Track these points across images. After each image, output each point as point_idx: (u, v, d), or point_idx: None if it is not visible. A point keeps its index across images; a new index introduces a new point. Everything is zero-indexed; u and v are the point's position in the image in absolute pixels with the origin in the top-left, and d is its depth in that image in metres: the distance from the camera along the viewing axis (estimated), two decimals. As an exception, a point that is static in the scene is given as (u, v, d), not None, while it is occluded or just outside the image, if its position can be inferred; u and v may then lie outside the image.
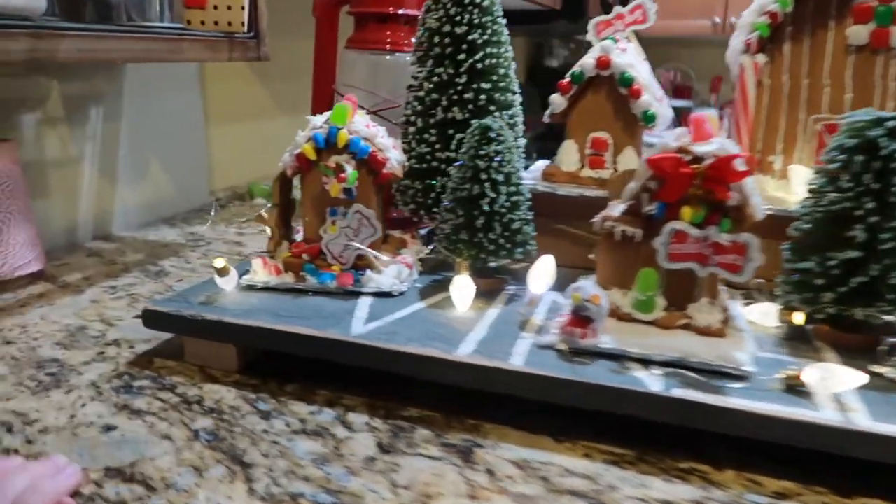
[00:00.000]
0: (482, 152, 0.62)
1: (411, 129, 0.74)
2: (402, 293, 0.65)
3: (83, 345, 0.64)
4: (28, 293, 0.77)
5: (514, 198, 0.63)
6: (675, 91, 3.33)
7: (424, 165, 0.73)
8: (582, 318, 0.53)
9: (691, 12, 3.00)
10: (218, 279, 0.63)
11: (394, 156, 0.67)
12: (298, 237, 0.72)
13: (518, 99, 0.74)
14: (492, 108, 0.72)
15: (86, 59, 0.65)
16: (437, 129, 0.73)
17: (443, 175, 0.73)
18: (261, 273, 0.66)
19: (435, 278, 0.69)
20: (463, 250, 0.63)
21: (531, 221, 0.64)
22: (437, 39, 0.71)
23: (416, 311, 0.61)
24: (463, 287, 0.61)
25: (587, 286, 0.53)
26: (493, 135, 0.62)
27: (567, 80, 0.71)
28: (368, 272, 0.65)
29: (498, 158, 0.62)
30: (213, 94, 1.20)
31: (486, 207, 0.62)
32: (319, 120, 0.66)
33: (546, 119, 0.74)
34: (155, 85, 1.06)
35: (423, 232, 0.80)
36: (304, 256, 0.67)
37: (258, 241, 0.98)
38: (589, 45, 0.74)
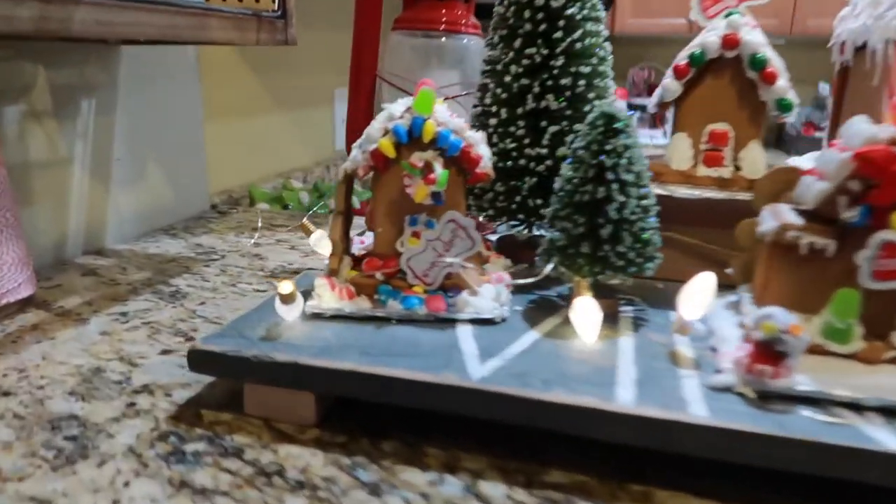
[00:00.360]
0: (608, 147, 0.50)
1: (492, 120, 0.62)
2: (504, 319, 0.53)
3: (105, 394, 0.51)
4: (19, 325, 0.62)
5: (644, 202, 0.52)
6: (650, 90, 3.30)
7: (509, 164, 0.62)
8: (773, 352, 0.42)
9: (668, 10, 2.95)
10: (280, 307, 0.50)
11: (485, 152, 0.56)
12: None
13: (613, 87, 0.64)
14: (590, 95, 0.61)
15: (105, 35, 0.51)
16: (527, 121, 0.61)
17: (531, 175, 0.62)
18: (328, 297, 0.53)
19: (530, 298, 0.58)
20: (584, 266, 0.52)
21: (658, 230, 0.53)
22: (526, 14, 0.60)
23: (534, 342, 0.49)
24: (587, 311, 0.50)
25: (779, 314, 0.42)
26: (620, 126, 0.51)
27: (684, 61, 0.60)
28: (463, 294, 0.53)
29: (628, 155, 0.51)
30: (207, 89, 1.06)
31: (613, 214, 0.50)
32: (398, 108, 0.54)
33: (653, 109, 0.63)
34: (152, 75, 0.92)
35: (494, 242, 0.68)
36: (378, 275, 0.55)
37: (280, 254, 0.85)
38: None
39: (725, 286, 0.52)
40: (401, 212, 0.55)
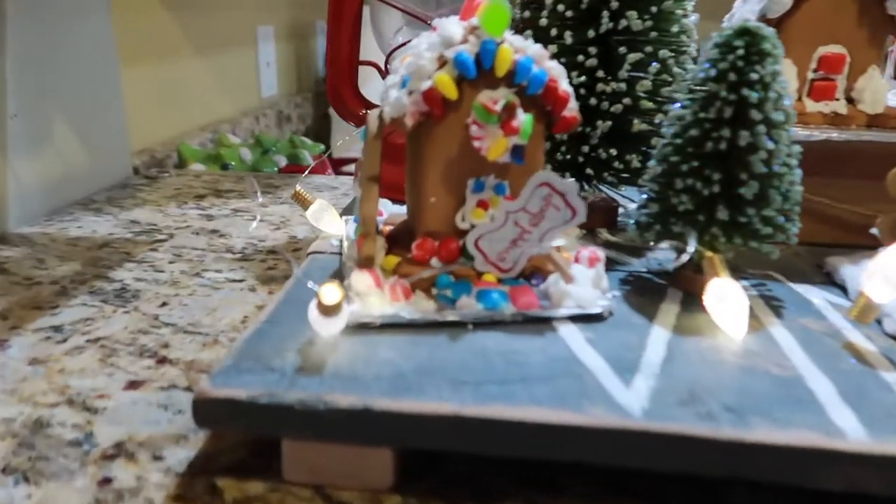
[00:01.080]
0: (752, 76, 0.37)
1: (549, 48, 0.48)
2: (611, 313, 0.40)
3: (60, 466, 0.34)
4: None
5: (795, 147, 0.40)
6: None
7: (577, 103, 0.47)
8: None
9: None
10: (317, 319, 0.35)
11: (567, 86, 0.41)
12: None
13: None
14: (678, 12, 0.47)
15: None
16: (600, 48, 0.47)
17: (604, 117, 0.48)
18: (376, 300, 0.38)
19: (617, 276, 0.45)
20: (719, 236, 0.39)
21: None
22: None
23: (670, 344, 0.36)
24: (731, 297, 0.37)
25: None
26: (767, 47, 0.38)
27: (798, -33, 0.47)
28: (557, 282, 0.39)
29: (777, 87, 0.38)
30: (117, 29, 0.84)
31: (759, 167, 0.38)
32: (457, 29, 0.38)
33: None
34: (51, 5, 0.70)
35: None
36: (435, 262, 0.40)
37: (243, 228, 0.68)
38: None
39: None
40: (461, 174, 0.40)
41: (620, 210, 0.55)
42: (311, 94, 1.67)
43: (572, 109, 0.40)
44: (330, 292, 0.33)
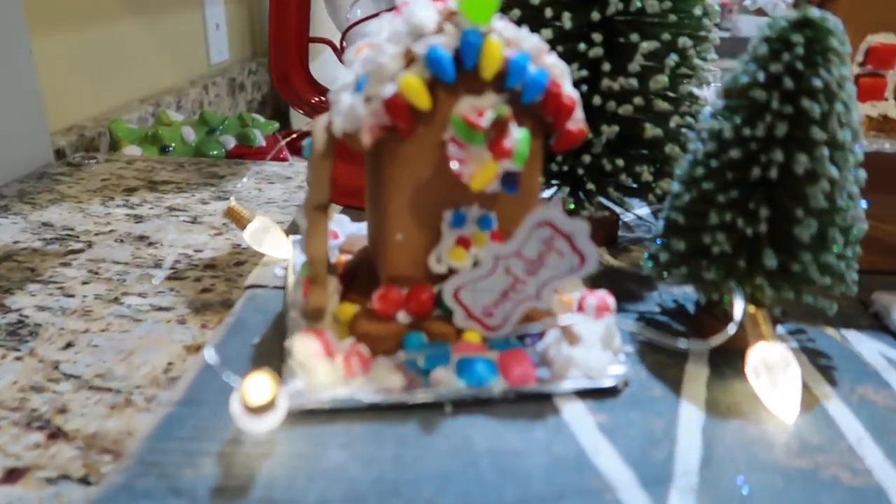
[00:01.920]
0: (815, 83, 0.28)
1: (544, 33, 0.38)
2: (627, 383, 0.32)
3: None
4: None
5: (861, 172, 0.31)
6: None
7: (579, 105, 0.38)
8: None
9: None
10: (242, 416, 0.26)
11: (571, 87, 0.32)
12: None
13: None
14: (703, -8, 0.38)
15: None
16: (606, 34, 0.38)
17: (609, 121, 0.39)
18: (324, 374, 0.29)
19: (625, 319, 0.37)
20: (765, 288, 0.31)
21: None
22: None
23: (706, 433, 0.28)
24: (780, 370, 0.29)
25: None
26: (835, 43, 0.29)
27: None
28: (561, 344, 0.31)
29: (844, 97, 0.29)
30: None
31: (821, 201, 0.29)
32: (429, 14, 0.29)
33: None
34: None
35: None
36: (401, 317, 0.31)
37: (178, 233, 0.58)
38: None
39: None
40: (435, 204, 0.31)
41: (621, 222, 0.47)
42: (268, 60, 1.54)
43: (578, 120, 0.31)
44: (257, 389, 0.24)
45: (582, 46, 0.37)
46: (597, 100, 0.38)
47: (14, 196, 0.65)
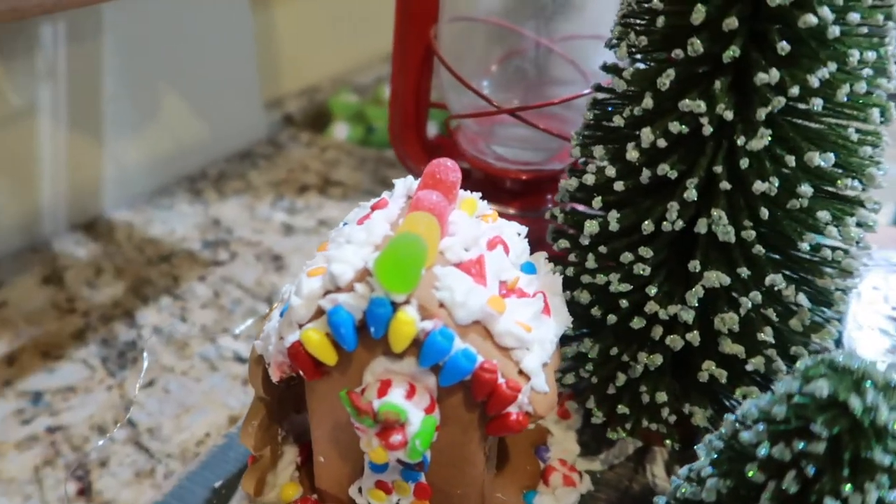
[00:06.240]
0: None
1: (617, 185, 0.30)
2: None
3: None
4: None
5: None
6: None
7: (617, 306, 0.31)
8: None
9: None
10: None
11: (535, 362, 0.25)
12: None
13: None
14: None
15: None
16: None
17: (655, 345, 0.31)
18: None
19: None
20: None
21: None
22: None
23: None
24: None
25: None
26: (878, 454, 0.19)
27: None
28: None
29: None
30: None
31: None
32: (350, 258, 0.25)
33: None
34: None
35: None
36: (315, 535, 0.30)
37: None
38: None
39: None
40: (355, 441, 0.28)
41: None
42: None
43: (521, 408, 0.25)
44: None
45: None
46: (653, 309, 0.30)
47: (214, 178, 0.74)
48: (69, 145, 0.62)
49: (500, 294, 0.26)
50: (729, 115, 0.27)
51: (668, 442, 0.34)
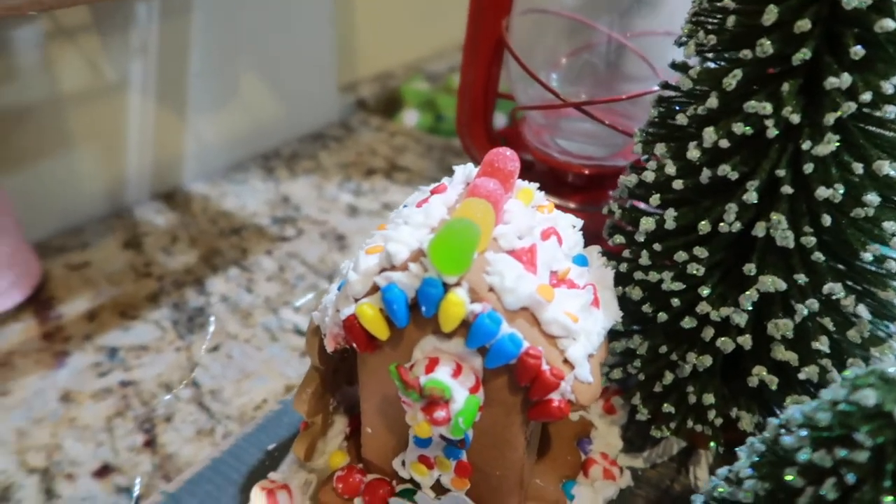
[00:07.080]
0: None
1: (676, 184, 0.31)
2: None
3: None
4: (-10, 351, 0.50)
5: None
6: None
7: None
8: None
9: None
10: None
11: (580, 352, 0.26)
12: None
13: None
14: None
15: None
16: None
17: (705, 347, 0.31)
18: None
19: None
20: None
21: None
22: None
23: None
24: None
25: None
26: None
27: None
28: None
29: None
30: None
31: None
32: (407, 238, 0.26)
33: None
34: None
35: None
36: (356, 501, 0.31)
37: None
38: None
39: None
40: (401, 415, 0.29)
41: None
42: None
43: (563, 396, 0.25)
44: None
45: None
46: (688, 322, 0.30)
47: (287, 157, 0.76)
48: (155, 120, 0.66)
49: (551, 283, 0.27)
50: (795, 119, 0.27)
51: (712, 444, 0.34)
